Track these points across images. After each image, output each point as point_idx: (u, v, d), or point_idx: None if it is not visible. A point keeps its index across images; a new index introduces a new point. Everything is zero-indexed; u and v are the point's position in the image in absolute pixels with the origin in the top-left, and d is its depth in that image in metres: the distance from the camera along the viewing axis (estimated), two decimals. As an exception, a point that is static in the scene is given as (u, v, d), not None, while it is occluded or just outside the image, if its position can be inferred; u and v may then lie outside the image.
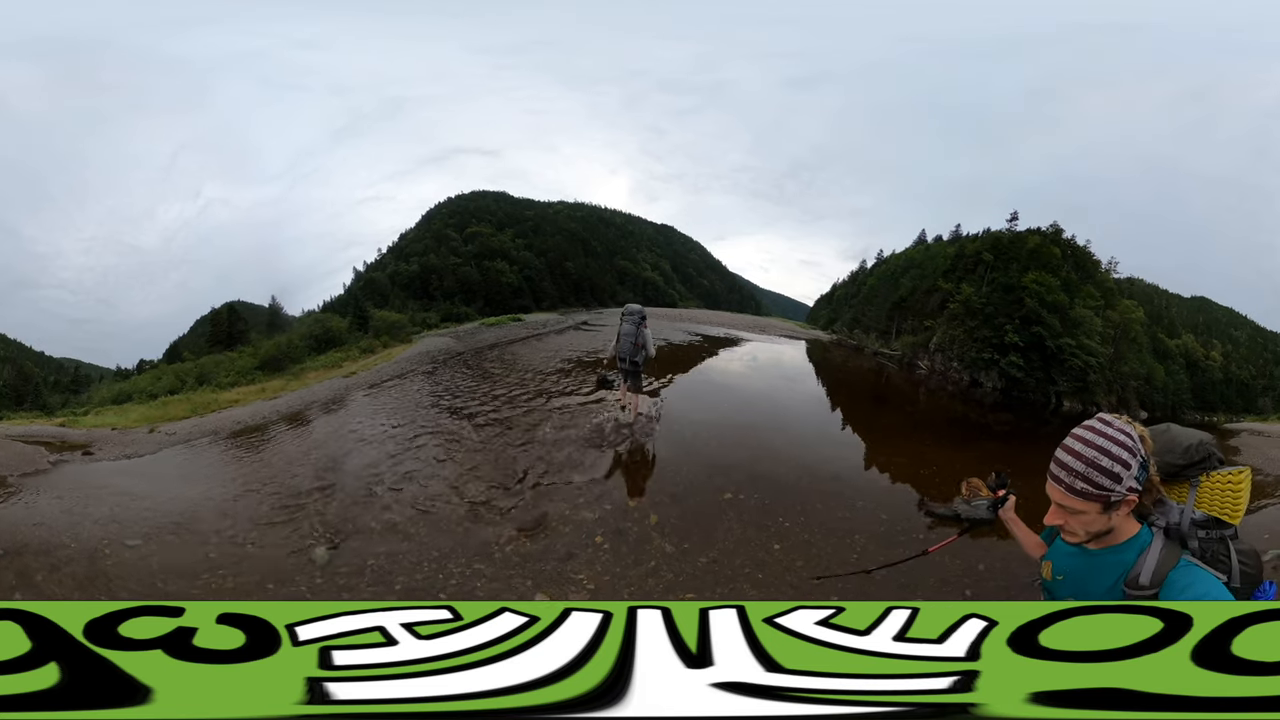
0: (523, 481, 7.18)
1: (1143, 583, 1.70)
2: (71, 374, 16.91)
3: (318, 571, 5.40)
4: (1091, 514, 1.69)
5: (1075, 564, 1.87)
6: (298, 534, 5.94)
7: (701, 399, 10.52)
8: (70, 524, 5.91)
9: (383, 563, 5.52)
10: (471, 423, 9.27)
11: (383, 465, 7.84)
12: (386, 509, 6.52)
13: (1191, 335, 18.34)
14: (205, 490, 7.12)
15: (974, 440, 12.70)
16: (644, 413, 8.60)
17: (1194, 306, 19.10)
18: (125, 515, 6.17)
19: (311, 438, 9.28)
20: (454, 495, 6.89)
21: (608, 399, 9.43)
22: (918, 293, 19.79)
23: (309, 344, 17.68)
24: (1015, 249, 17.51)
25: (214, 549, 5.62)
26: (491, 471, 7.51)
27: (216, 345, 17.73)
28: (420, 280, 22.55)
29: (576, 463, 7.50)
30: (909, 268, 21.31)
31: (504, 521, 6.29)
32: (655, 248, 28.29)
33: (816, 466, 8.04)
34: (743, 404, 11.02)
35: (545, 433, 8.43)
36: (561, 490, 6.91)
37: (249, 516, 6.21)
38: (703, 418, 9.23)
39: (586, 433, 8.22)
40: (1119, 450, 1.65)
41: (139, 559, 5.40)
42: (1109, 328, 16.91)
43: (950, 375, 17.38)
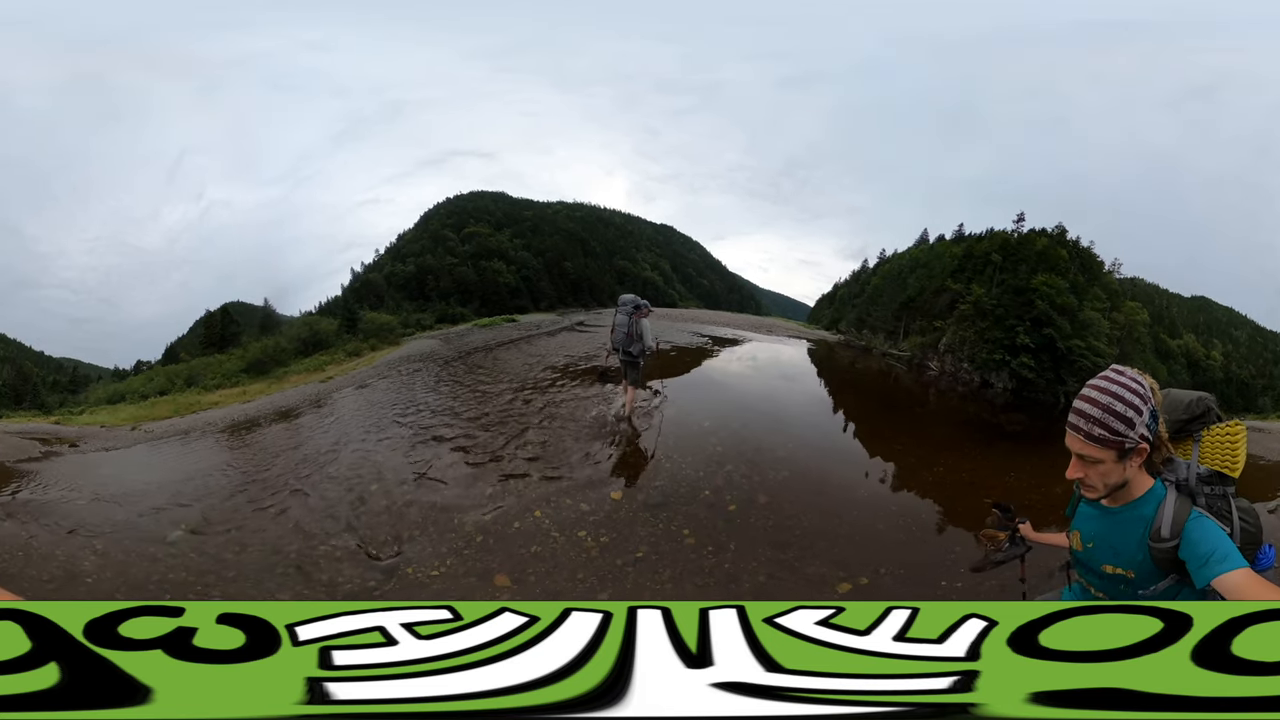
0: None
1: (1164, 534, 1.79)
2: (70, 374, 17.24)
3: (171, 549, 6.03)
4: (1108, 463, 1.79)
5: (1100, 526, 1.96)
6: (168, 520, 6.63)
7: (711, 402, 10.22)
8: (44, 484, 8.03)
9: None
10: (407, 459, 8.00)
11: (265, 497, 7.09)
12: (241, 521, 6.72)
13: (1192, 335, 18.57)
14: (141, 475, 8.66)
15: (995, 442, 12.84)
16: (630, 414, 8.44)
17: (1194, 306, 19.33)
18: (81, 480, 8.27)
19: (242, 451, 9.95)
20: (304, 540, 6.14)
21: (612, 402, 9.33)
22: (926, 293, 19.88)
23: (297, 347, 17.88)
24: (1023, 250, 17.70)
25: (109, 511, 7.00)
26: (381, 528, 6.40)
27: (210, 347, 17.89)
28: (416, 281, 22.62)
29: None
30: (914, 267, 21.39)
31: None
32: (655, 248, 28.34)
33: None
34: (765, 404, 10.84)
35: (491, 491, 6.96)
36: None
37: (146, 503, 7.24)
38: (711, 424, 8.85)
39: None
40: (1131, 396, 1.75)
41: (69, 503, 7.26)
42: (1115, 329, 17.19)
43: (960, 376, 17.50)
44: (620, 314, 7.83)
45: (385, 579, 5.52)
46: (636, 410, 8.57)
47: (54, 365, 17.23)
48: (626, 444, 8.08)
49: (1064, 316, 16.86)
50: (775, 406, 10.92)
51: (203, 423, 12.06)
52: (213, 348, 17.88)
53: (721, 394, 11.07)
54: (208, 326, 18.32)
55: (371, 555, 5.91)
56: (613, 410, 8.86)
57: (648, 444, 8.05)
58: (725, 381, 12.42)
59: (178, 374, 16.98)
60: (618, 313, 7.89)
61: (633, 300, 7.78)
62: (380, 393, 11.98)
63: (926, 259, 21.16)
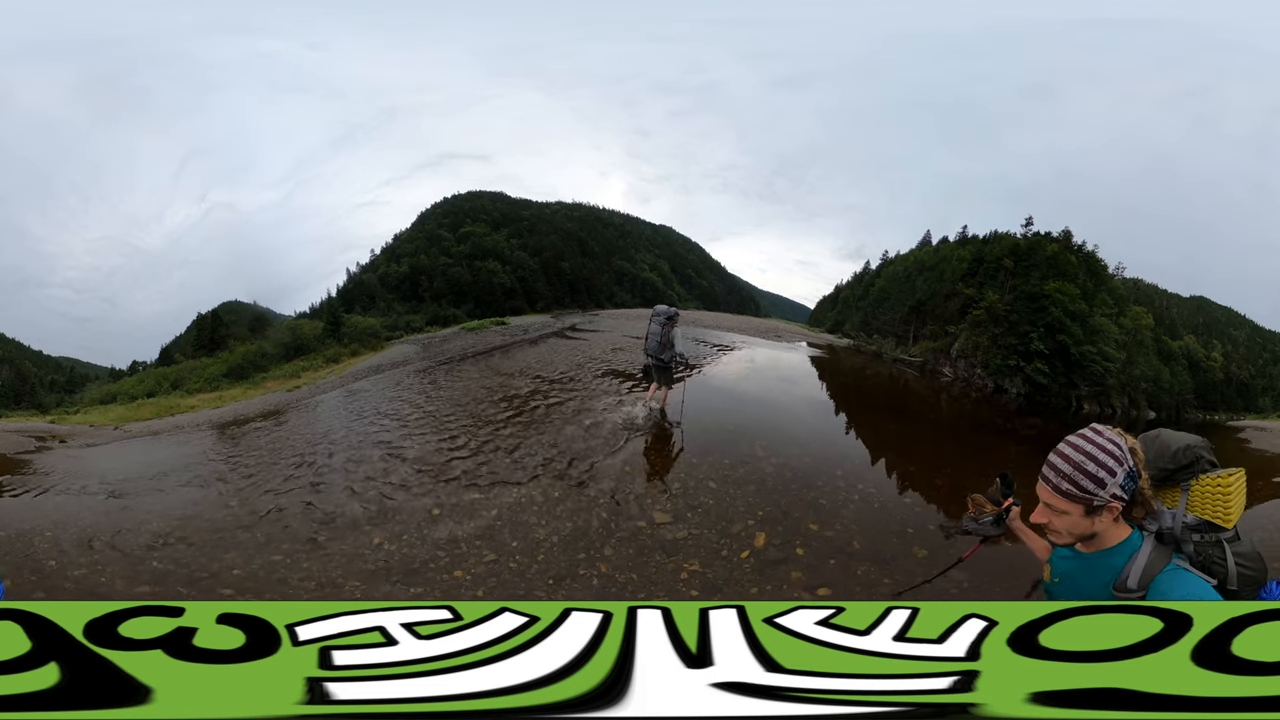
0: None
1: (1130, 585, 1.80)
2: (68, 374, 17.77)
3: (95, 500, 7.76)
4: (1075, 515, 1.80)
5: (1070, 566, 1.97)
6: (99, 486, 8.55)
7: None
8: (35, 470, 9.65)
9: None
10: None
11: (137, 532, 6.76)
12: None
13: (1193, 336, 18.76)
14: (101, 464, 10.11)
15: (1012, 443, 12.78)
16: (663, 408, 8.89)
17: (1193, 306, 19.53)
18: (61, 466, 9.99)
19: (183, 448, 11.00)
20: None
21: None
22: (936, 297, 19.98)
23: (280, 351, 18.08)
24: (1034, 256, 17.92)
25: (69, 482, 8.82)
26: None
27: (200, 350, 18.02)
28: (410, 281, 22.65)
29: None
30: (921, 270, 21.48)
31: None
32: (654, 248, 28.38)
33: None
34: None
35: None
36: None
37: (95, 478, 8.93)
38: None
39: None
40: (1104, 457, 1.77)
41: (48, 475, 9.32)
42: (1122, 334, 17.44)
43: (974, 382, 17.62)
44: (654, 323, 8.46)
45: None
46: (661, 411, 8.95)
47: (52, 365, 17.72)
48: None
49: (1076, 322, 17.14)
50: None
51: (172, 425, 13.57)
52: (203, 350, 18.02)
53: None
54: (199, 329, 18.46)
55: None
56: (638, 409, 9.01)
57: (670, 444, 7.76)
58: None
59: (166, 377, 17.25)
60: (652, 321, 8.51)
61: (666, 310, 8.43)
62: (299, 425, 11.37)
63: (933, 262, 21.24)
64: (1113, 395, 16.92)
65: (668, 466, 7.51)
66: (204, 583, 5.60)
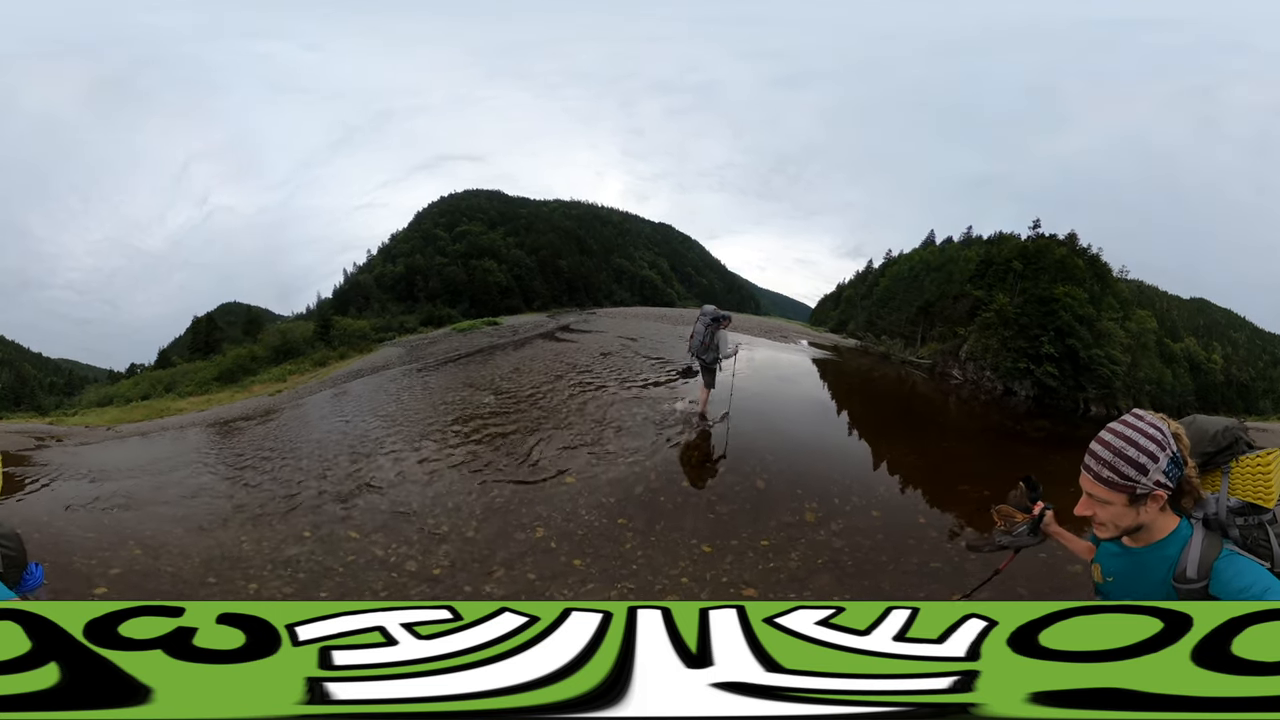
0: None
1: (1190, 575, 1.78)
2: (67, 376, 18.09)
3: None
4: (1118, 505, 1.78)
5: (1122, 564, 1.94)
6: (82, 474, 9.92)
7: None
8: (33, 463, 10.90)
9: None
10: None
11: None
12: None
13: (1193, 338, 18.87)
14: (88, 460, 11.15)
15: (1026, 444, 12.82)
16: (705, 413, 9.09)
17: (1193, 308, 19.62)
18: (55, 459, 11.16)
19: (162, 446, 12.08)
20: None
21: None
22: (944, 298, 20.07)
23: (270, 355, 18.21)
24: (1043, 258, 18.07)
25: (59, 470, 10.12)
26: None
27: (196, 353, 18.11)
28: (405, 282, 22.67)
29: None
30: (928, 270, 21.55)
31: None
32: (653, 246, 28.40)
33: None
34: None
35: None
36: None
37: (82, 470, 10.14)
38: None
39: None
40: (1146, 442, 1.75)
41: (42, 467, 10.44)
42: (1128, 338, 17.61)
43: (983, 384, 17.70)
44: (699, 324, 8.72)
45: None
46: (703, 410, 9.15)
47: (51, 367, 17.86)
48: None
49: (1084, 326, 17.34)
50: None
51: (158, 427, 14.63)
52: (198, 353, 18.12)
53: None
54: (195, 332, 18.55)
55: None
56: (676, 407, 9.34)
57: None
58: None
59: (160, 380, 17.38)
60: (697, 322, 8.77)
61: (712, 312, 8.70)
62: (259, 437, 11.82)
63: (939, 262, 21.31)
64: (1119, 398, 17.10)
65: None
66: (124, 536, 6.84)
